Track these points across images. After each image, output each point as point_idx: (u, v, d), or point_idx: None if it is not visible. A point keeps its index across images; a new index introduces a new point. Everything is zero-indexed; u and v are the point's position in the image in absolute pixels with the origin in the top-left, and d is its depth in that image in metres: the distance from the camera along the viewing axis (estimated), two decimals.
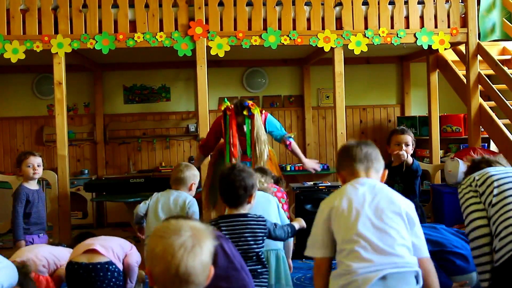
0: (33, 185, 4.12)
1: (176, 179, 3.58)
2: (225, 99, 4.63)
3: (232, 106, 4.41)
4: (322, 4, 5.44)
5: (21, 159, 4.09)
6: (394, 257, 2.00)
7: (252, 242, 2.58)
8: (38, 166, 4.10)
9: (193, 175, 3.61)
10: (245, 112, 4.36)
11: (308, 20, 5.43)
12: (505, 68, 5.57)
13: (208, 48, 5.25)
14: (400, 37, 5.49)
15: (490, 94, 5.62)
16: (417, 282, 2.04)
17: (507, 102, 5.32)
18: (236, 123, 4.41)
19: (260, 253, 2.62)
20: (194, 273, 1.36)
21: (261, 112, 4.51)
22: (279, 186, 3.83)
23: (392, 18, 5.53)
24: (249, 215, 2.63)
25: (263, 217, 2.68)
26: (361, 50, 5.46)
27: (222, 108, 4.47)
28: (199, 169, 4.23)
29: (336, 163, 2.37)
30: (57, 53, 5.14)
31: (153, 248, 1.39)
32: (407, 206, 2.14)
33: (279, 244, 3.06)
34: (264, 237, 2.64)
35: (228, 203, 2.65)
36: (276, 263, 3.03)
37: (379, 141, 6.07)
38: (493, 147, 5.93)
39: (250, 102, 4.41)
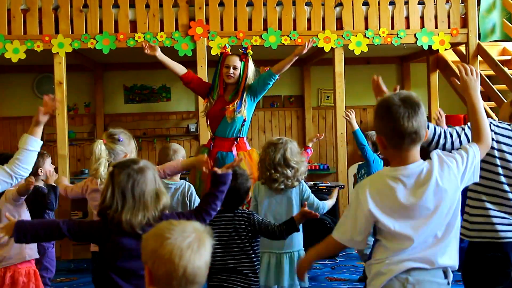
0: None
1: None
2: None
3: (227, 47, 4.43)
4: (323, 5, 5.46)
5: None
6: None
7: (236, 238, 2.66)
8: None
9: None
10: (240, 51, 4.36)
11: (309, 20, 5.45)
12: (505, 69, 5.59)
13: (209, 48, 5.27)
14: (401, 38, 5.51)
15: (490, 95, 5.63)
16: None
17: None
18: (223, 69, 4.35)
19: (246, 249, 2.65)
20: (200, 274, 1.38)
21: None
22: None
23: (392, 18, 5.55)
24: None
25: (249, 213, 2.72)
26: (362, 51, 5.48)
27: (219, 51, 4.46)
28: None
29: None
30: (57, 53, 5.16)
31: (156, 248, 1.38)
32: None
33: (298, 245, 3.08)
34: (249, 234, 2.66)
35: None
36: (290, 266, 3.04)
37: None
38: None
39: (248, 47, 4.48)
